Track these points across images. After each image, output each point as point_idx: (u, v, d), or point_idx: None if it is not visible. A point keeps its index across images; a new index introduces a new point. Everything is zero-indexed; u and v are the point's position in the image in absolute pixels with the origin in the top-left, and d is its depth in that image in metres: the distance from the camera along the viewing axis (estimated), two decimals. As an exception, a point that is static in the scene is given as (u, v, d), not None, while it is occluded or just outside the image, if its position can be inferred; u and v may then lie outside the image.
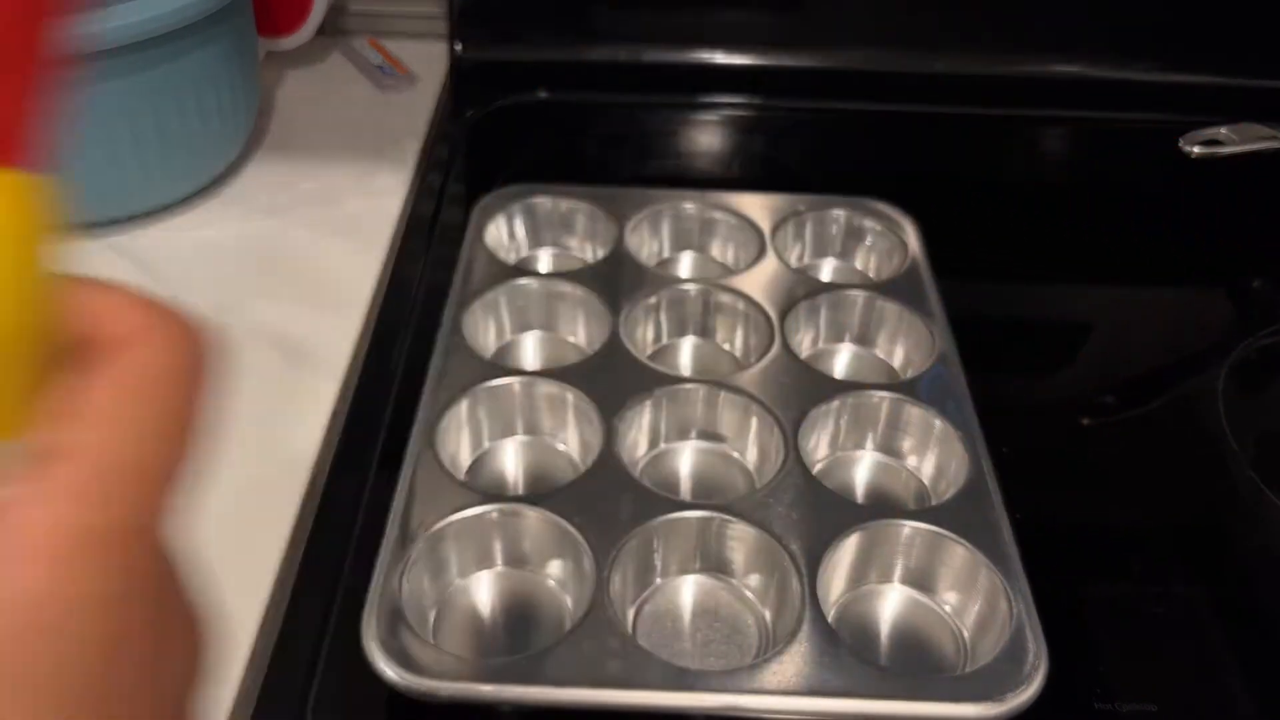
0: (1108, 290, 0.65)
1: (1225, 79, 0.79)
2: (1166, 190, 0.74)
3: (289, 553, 0.45)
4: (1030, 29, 0.79)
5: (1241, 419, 0.54)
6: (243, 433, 0.50)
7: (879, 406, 0.51)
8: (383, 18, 0.86)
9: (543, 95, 0.81)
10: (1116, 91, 0.80)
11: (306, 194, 0.67)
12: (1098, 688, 0.42)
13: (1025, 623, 0.41)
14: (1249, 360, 0.58)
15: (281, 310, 0.57)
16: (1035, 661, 0.40)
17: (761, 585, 0.45)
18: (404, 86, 0.79)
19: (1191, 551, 0.49)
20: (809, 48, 0.80)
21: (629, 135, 0.79)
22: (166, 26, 0.56)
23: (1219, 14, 0.78)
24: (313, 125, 0.74)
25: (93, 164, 0.58)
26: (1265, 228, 0.71)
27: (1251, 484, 0.51)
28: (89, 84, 0.56)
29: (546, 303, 0.58)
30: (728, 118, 0.81)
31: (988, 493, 0.46)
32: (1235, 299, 0.66)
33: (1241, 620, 0.45)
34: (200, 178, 0.65)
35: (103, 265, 0.61)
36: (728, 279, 0.59)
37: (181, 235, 0.63)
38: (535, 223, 0.64)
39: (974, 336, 0.56)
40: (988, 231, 0.69)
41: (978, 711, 0.39)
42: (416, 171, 0.70)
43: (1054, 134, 0.82)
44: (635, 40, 0.81)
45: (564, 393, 0.51)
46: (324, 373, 0.53)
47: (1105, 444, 0.55)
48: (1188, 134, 0.65)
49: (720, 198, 0.64)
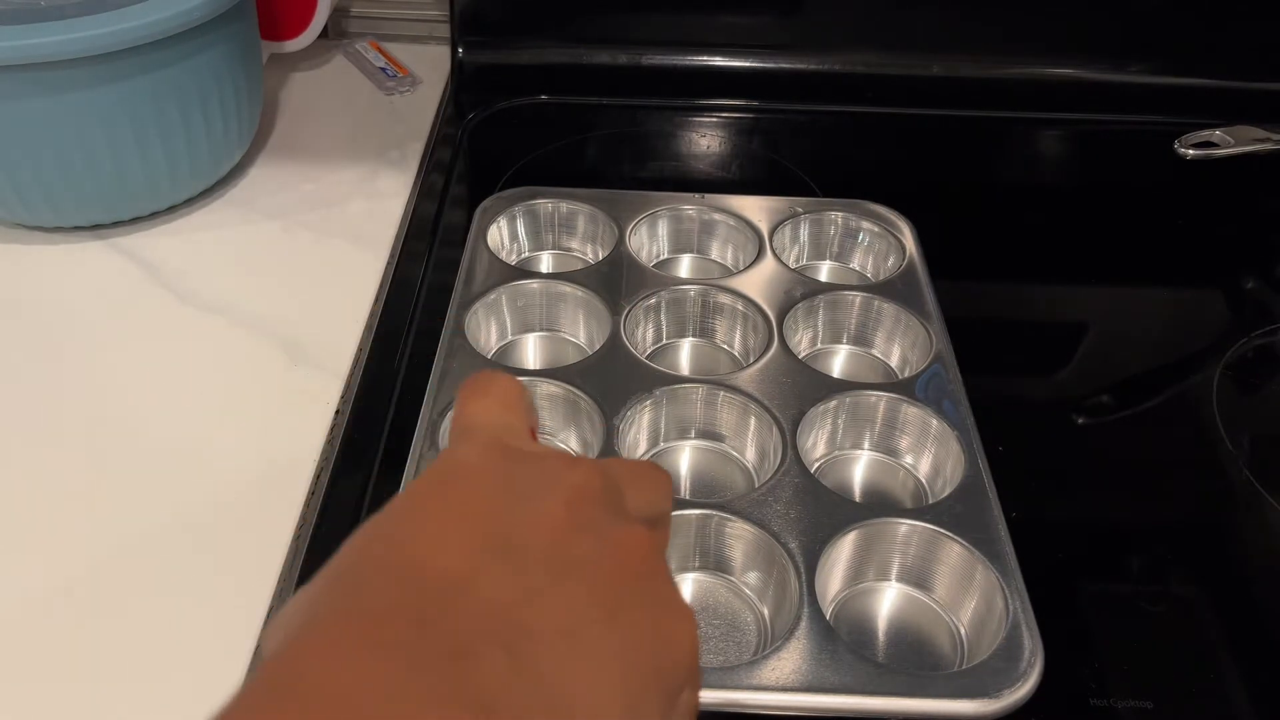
0: (1103, 290, 0.66)
1: (1220, 81, 0.79)
2: (1162, 192, 0.74)
3: (291, 553, 0.45)
4: (1026, 32, 0.80)
5: (1236, 418, 0.55)
6: (246, 432, 0.50)
7: (876, 406, 0.52)
8: (385, 21, 0.86)
9: (544, 98, 0.81)
10: (1112, 94, 0.80)
11: (309, 196, 0.67)
12: (1093, 684, 0.42)
13: (1021, 620, 0.41)
14: (1244, 360, 0.59)
15: (284, 311, 0.57)
16: (1031, 658, 0.40)
17: (760, 582, 0.45)
18: (406, 89, 0.80)
19: (1187, 549, 0.49)
20: (807, 51, 0.81)
21: (629, 138, 0.79)
22: (170, 30, 0.56)
23: (1214, 17, 0.78)
24: (316, 128, 0.75)
25: (98, 165, 0.59)
26: (1259, 229, 0.72)
27: (1246, 482, 0.52)
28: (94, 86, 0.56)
29: (547, 303, 0.58)
30: (727, 120, 0.81)
31: (984, 491, 0.47)
32: (1230, 299, 0.66)
33: (1237, 617, 0.46)
34: (204, 179, 0.65)
35: (107, 265, 0.61)
36: (727, 280, 0.59)
37: (186, 236, 0.63)
38: (536, 224, 0.65)
39: (970, 337, 0.56)
40: (984, 233, 0.70)
41: (974, 708, 0.39)
42: (419, 173, 0.71)
43: (1050, 136, 0.82)
44: (635, 44, 0.81)
45: (565, 392, 0.51)
46: (327, 373, 0.54)
47: (1101, 443, 0.55)
48: (1183, 136, 0.65)
49: (719, 200, 0.65)
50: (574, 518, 0.23)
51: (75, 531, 0.45)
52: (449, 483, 0.24)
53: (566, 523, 0.23)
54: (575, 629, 0.21)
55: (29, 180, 0.58)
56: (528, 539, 0.22)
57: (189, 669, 0.40)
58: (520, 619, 0.20)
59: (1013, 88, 0.80)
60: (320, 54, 0.83)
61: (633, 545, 0.23)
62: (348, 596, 0.20)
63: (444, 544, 0.21)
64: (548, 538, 0.22)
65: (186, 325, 0.56)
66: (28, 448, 0.49)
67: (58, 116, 0.56)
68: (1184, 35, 0.79)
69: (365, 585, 0.21)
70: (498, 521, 0.22)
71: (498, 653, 0.19)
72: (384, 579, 0.21)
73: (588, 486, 0.24)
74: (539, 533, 0.22)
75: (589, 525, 0.23)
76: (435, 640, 0.19)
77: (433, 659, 0.19)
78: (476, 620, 0.20)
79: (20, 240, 0.62)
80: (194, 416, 0.51)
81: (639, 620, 0.22)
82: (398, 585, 0.20)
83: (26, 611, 0.42)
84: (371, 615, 0.20)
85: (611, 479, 0.25)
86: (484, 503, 0.23)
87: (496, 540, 0.22)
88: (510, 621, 0.20)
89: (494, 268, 0.59)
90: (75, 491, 0.47)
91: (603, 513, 0.24)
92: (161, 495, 0.47)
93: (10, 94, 0.55)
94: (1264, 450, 0.53)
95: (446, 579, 0.20)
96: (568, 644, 0.20)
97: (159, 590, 0.43)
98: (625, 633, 0.22)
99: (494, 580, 0.21)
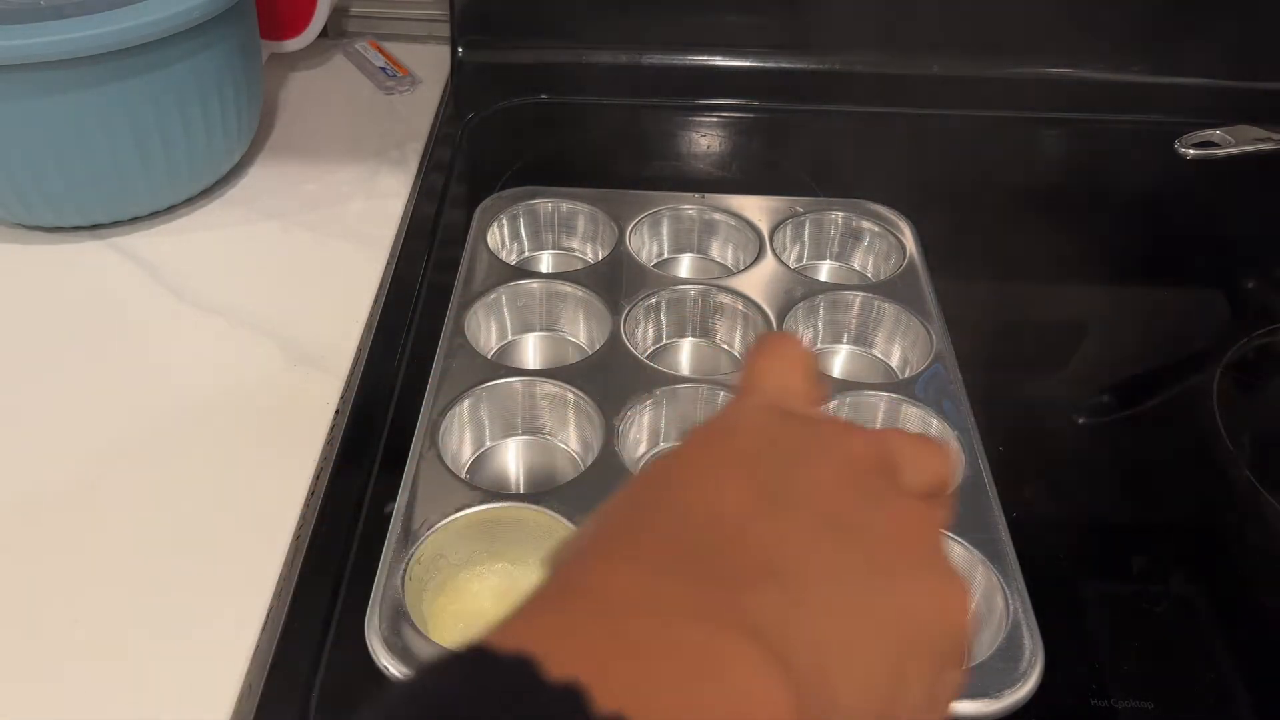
0: (1103, 290, 0.66)
1: (1221, 81, 0.79)
2: (1162, 192, 0.74)
3: (293, 551, 0.45)
4: (1027, 32, 0.80)
5: (1236, 418, 0.54)
6: (245, 433, 0.50)
7: (877, 406, 0.52)
8: (385, 20, 0.86)
9: (544, 97, 0.81)
10: (1113, 94, 0.80)
11: (309, 195, 0.67)
12: (1094, 684, 0.42)
13: (1022, 620, 0.41)
14: (1244, 360, 0.59)
15: (284, 311, 0.57)
16: (1032, 658, 0.40)
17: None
18: (406, 89, 0.80)
19: (1187, 549, 0.49)
20: (807, 51, 0.81)
21: (629, 137, 0.79)
22: (170, 29, 0.56)
23: (1215, 17, 0.78)
24: (315, 127, 0.75)
25: (97, 165, 0.59)
26: (1260, 228, 0.72)
27: (1246, 482, 0.51)
28: (94, 86, 0.56)
29: (547, 303, 0.58)
30: (727, 120, 0.81)
31: (985, 491, 0.47)
32: (1230, 299, 0.66)
33: (1237, 617, 0.46)
34: (204, 179, 0.65)
35: (107, 266, 0.61)
36: (727, 280, 0.59)
37: (185, 236, 0.63)
38: (536, 224, 0.65)
39: (970, 336, 0.56)
40: (984, 232, 0.70)
41: (975, 708, 0.39)
42: (418, 173, 0.71)
43: (1050, 136, 0.82)
44: (635, 43, 0.81)
45: (565, 392, 0.51)
46: (327, 373, 0.54)
47: (1101, 443, 0.55)
48: (1183, 136, 0.65)
49: (720, 199, 0.65)
50: (845, 484, 0.23)
51: (75, 531, 0.45)
52: (728, 437, 0.25)
53: (837, 487, 0.23)
54: (847, 583, 0.21)
55: (29, 180, 0.58)
56: (800, 497, 0.23)
57: (190, 669, 0.40)
58: (793, 564, 0.21)
59: (1013, 87, 0.80)
60: (320, 54, 0.83)
61: (907, 517, 0.24)
62: (630, 527, 0.22)
63: (720, 491, 0.22)
64: (820, 498, 0.23)
65: (186, 325, 0.56)
66: (27, 447, 0.49)
67: (58, 116, 0.56)
68: (1184, 35, 0.79)
69: (646, 519, 0.22)
70: (771, 477, 0.23)
71: (770, 586, 0.20)
72: (664, 515, 0.22)
73: (861, 456, 0.24)
74: (811, 493, 0.23)
75: (862, 493, 0.23)
76: (710, 567, 0.20)
77: (706, 581, 0.20)
78: (750, 557, 0.21)
79: (20, 240, 0.62)
80: (194, 416, 0.51)
81: (912, 588, 0.22)
82: (678, 522, 0.21)
83: (28, 611, 0.42)
84: (650, 542, 0.21)
85: (888, 451, 0.25)
86: (758, 458, 0.24)
87: (769, 494, 0.22)
88: (783, 564, 0.21)
89: (494, 268, 0.59)
90: (75, 490, 0.47)
91: (876, 482, 0.24)
92: (161, 495, 0.47)
93: (10, 94, 0.55)
94: (1264, 450, 0.53)
95: (723, 521, 0.21)
96: (840, 596, 0.21)
97: (160, 590, 0.43)
98: (897, 598, 0.22)
99: (768, 528, 0.21)
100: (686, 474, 0.23)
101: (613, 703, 0.16)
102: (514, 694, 0.17)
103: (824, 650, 0.20)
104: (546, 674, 0.17)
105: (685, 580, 0.20)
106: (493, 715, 0.16)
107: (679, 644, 0.18)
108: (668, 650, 0.18)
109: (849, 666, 0.20)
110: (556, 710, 0.16)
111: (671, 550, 0.21)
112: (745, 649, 0.19)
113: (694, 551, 0.21)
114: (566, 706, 0.16)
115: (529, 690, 0.16)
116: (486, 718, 0.16)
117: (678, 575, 0.20)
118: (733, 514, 0.22)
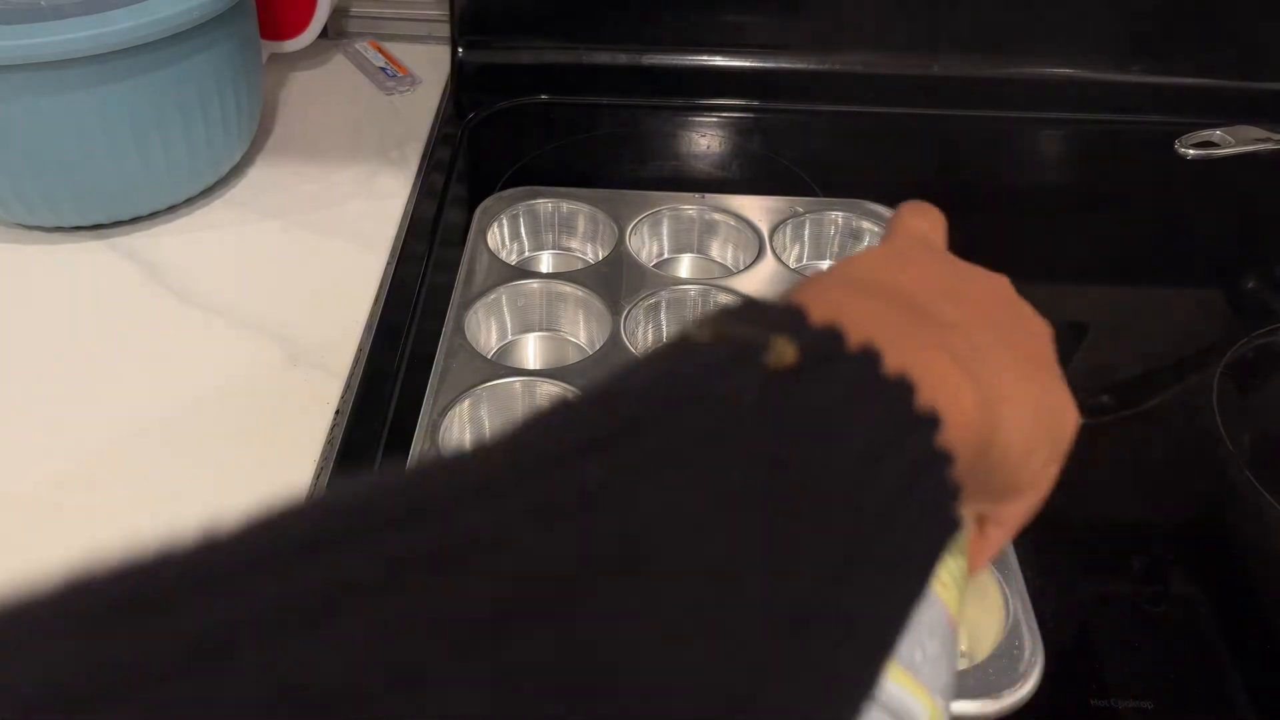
0: (1104, 290, 0.66)
1: (1220, 81, 0.79)
2: (1163, 192, 0.74)
3: (293, 551, 0.45)
4: (1027, 32, 0.80)
5: (1236, 418, 0.55)
6: (245, 432, 0.50)
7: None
8: (385, 21, 0.86)
9: (544, 98, 0.81)
10: (1113, 94, 0.80)
11: (309, 196, 0.67)
12: (1094, 684, 0.42)
13: (1022, 619, 0.41)
14: (1244, 360, 0.59)
15: (284, 311, 0.57)
16: (1032, 658, 0.40)
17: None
18: (406, 89, 0.80)
19: (1187, 549, 0.49)
20: (807, 51, 0.81)
21: (629, 137, 0.79)
22: (170, 29, 0.56)
23: (1215, 17, 0.78)
24: (316, 128, 0.75)
25: (97, 165, 0.59)
26: (1260, 228, 0.72)
27: (1247, 483, 0.51)
28: (94, 86, 0.56)
29: (548, 303, 0.58)
30: (727, 120, 0.81)
31: (984, 491, 0.47)
32: (1230, 299, 0.66)
33: (1237, 617, 0.46)
34: (204, 179, 0.65)
35: (107, 266, 0.61)
36: (727, 280, 0.59)
37: (186, 236, 0.63)
38: (536, 224, 0.65)
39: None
40: (984, 232, 0.69)
41: (975, 708, 0.39)
42: (419, 173, 0.71)
43: (1051, 136, 0.82)
44: (635, 43, 0.81)
45: (566, 392, 0.51)
46: (327, 373, 0.54)
47: (1101, 443, 0.55)
48: (1183, 136, 0.65)
49: (720, 200, 0.65)
50: (1000, 303, 0.29)
51: (75, 531, 0.45)
52: (909, 251, 0.30)
53: (998, 300, 0.29)
54: (1009, 362, 0.26)
55: (29, 180, 0.58)
56: (973, 302, 0.27)
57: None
58: (973, 337, 0.25)
59: (1013, 88, 0.80)
60: (320, 54, 0.83)
61: (1048, 334, 0.29)
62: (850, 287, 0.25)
63: (913, 282, 0.26)
64: (988, 305, 0.28)
65: (186, 325, 0.56)
66: (27, 447, 0.49)
67: (58, 116, 0.56)
68: (1184, 35, 0.79)
69: (859, 287, 0.26)
70: (950, 282, 0.28)
71: (960, 337, 0.25)
72: (872, 288, 0.26)
73: (1006, 286, 0.30)
74: (981, 300, 0.28)
75: (1014, 313, 0.29)
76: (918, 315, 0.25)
77: (918, 320, 0.25)
78: (943, 321, 0.25)
79: (20, 240, 0.62)
80: (194, 416, 0.51)
81: (1050, 388, 0.27)
82: (885, 294, 0.25)
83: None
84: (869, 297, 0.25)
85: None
86: (937, 266, 0.29)
87: (950, 291, 0.27)
88: (965, 333, 0.25)
89: (494, 267, 0.59)
90: (75, 490, 0.47)
91: (1023, 307, 0.30)
92: (161, 495, 0.47)
93: (10, 94, 0.55)
94: (1264, 450, 0.53)
95: (918, 300, 0.26)
96: (1008, 368, 0.25)
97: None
98: (1041, 389, 0.27)
99: (952, 311, 0.26)
100: (884, 269, 0.27)
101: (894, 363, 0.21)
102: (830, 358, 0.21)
103: (997, 389, 0.24)
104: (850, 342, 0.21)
105: (900, 313, 0.24)
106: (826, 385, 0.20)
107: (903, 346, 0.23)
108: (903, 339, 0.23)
109: (1013, 410, 0.25)
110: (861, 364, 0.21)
111: (888, 300, 0.25)
112: (947, 357, 0.23)
113: (900, 309, 0.25)
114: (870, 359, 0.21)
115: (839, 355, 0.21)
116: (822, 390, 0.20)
117: (894, 310, 0.24)
118: (925, 299, 0.26)
